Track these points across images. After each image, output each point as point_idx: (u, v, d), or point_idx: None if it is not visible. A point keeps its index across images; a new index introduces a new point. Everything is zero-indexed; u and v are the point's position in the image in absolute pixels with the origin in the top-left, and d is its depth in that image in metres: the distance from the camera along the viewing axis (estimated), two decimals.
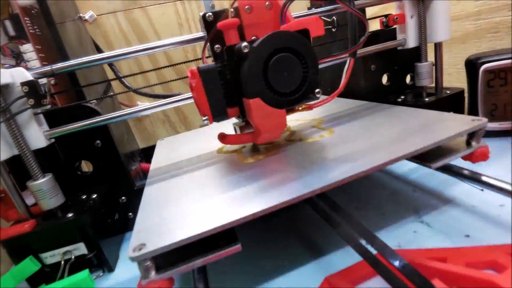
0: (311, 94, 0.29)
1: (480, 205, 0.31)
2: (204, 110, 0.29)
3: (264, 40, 0.27)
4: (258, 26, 0.30)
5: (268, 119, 0.29)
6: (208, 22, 0.31)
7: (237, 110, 0.30)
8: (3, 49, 0.48)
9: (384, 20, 0.45)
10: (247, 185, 0.27)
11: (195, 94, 0.29)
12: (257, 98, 0.28)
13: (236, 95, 0.29)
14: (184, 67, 0.75)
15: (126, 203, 0.41)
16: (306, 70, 0.28)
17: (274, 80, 0.28)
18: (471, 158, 0.29)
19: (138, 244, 0.21)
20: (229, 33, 0.29)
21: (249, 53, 0.26)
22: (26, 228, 0.32)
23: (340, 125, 0.37)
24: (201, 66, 0.28)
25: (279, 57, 0.27)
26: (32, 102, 0.32)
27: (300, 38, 0.28)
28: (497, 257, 0.23)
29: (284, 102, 0.29)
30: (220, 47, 0.31)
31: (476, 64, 0.42)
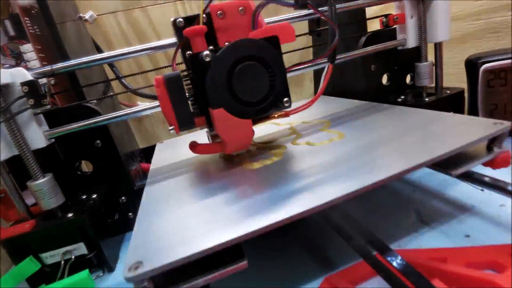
0: (279, 103, 0.29)
1: (480, 205, 0.31)
2: (170, 119, 0.28)
3: (228, 48, 0.26)
4: (232, 31, 0.29)
5: (233, 129, 0.28)
6: (178, 28, 0.31)
7: (203, 119, 0.29)
8: (3, 49, 0.48)
9: (384, 20, 0.45)
10: (253, 195, 0.25)
11: (161, 103, 0.27)
12: (221, 108, 0.27)
13: (202, 105, 0.28)
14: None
15: (126, 203, 0.41)
16: (273, 79, 0.28)
17: (239, 90, 0.27)
18: (492, 164, 0.27)
19: (135, 262, 0.19)
20: (195, 40, 0.28)
21: (212, 62, 0.26)
22: (26, 228, 0.32)
23: (349, 128, 0.35)
24: (166, 74, 0.27)
25: (243, 66, 0.26)
26: (32, 102, 0.32)
27: (266, 46, 0.27)
28: (497, 257, 0.23)
29: (250, 112, 0.28)
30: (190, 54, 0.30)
31: (476, 64, 0.42)
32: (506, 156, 0.27)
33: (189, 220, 0.23)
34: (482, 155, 0.27)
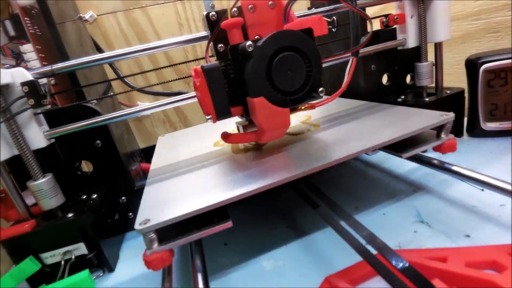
0: (315, 93, 0.30)
1: (480, 205, 0.31)
2: (208, 109, 0.29)
3: (268, 39, 0.27)
4: (261, 25, 0.30)
5: (272, 118, 0.29)
6: (211, 21, 0.31)
7: (240, 109, 0.30)
8: (3, 49, 0.48)
9: (384, 20, 0.45)
10: (238, 173, 0.30)
11: (199, 93, 0.29)
12: (261, 97, 0.28)
13: (240, 94, 0.29)
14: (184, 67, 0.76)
15: (126, 203, 0.41)
16: (310, 69, 0.29)
17: (278, 79, 0.28)
18: (440, 149, 0.32)
19: (144, 219, 0.24)
20: (233, 32, 0.29)
21: (253, 52, 0.26)
22: (26, 228, 0.32)
23: (326, 121, 0.40)
24: (205, 65, 0.28)
25: (283, 56, 0.27)
26: (32, 102, 0.32)
27: (304, 37, 0.28)
28: (497, 257, 0.23)
29: (288, 101, 0.29)
30: (223, 47, 0.31)
31: (476, 64, 0.42)
32: (452, 142, 0.31)
33: (186, 191, 0.28)
34: (430, 141, 0.32)
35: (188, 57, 0.77)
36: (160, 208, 0.26)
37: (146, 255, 0.24)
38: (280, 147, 0.34)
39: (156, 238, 0.24)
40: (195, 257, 0.27)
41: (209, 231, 0.25)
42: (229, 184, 0.27)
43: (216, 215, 0.26)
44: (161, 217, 0.24)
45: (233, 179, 0.28)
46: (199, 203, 0.25)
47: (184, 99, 0.37)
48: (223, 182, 0.28)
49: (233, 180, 0.28)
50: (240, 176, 0.29)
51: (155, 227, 0.23)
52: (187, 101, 0.37)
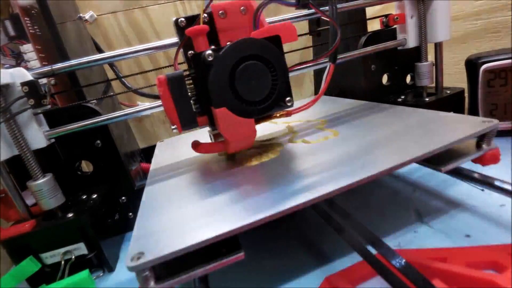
0: (282, 102, 0.29)
1: (480, 205, 0.31)
2: (172, 118, 0.28)
3: (230, 48, 0.26)
4: (233, 31, 0.30)
5: (236, 128, 0.28)
6: (180, 28, 0.31)
7: (206, 118, 0.29)
8: (3, 49, 0.48)
9: (384, 20, 0.45)
10: (250, 190, 0.26)
11: (163, 103, 0.28)
12: (224, 107, 0.27)
13: (205, 103, 0.28)
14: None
15: (126, 203, 0.41)
16: (276, 78, 0.28)
17: (242, 89, 0.27)
18: (481, 161, 0.28)
19: (137, 252, 0.20)
20: (197, 39, 0.28)
21: (214, 61, 0.26)
22: (26, 228, 0.32)
23: (344, 127, 0.36)
24: (168, 73, 0.27)
25: (246, 65, 0.26)
26: (32, 102, 0.32)
27: (268, 45, 0.27)
28: (497, 257, 0.23)
29: (253, 111, 0.28)
30: (193, 53, 0.30)
31: (477, 64, 0.42)
32: (494, 153, 0.27)
33: (188, 214, 0.24)
34: (471, 152, 0.28)
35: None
36: (158, 237, 0.21)
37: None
38: (299, 158, 0.30)
39: (152, 276, 0.20)
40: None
41: (217, 265, 0.21)
42: (242, 206, 0.23)
43: (226, 245, 0.22)
44: (159, 251, 0.20)
45: (245, 198, 0.24)
46: (205, 231, 0.20)
47: None
48: (235, 203, 0.24)
49: (248, 201, 0.24)
50: (256, 196, 0.24)
51: (151, 263, 0.19)
52: None
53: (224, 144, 0.31)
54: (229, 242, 0.22)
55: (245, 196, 0.25)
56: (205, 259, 0.21)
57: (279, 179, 0.26)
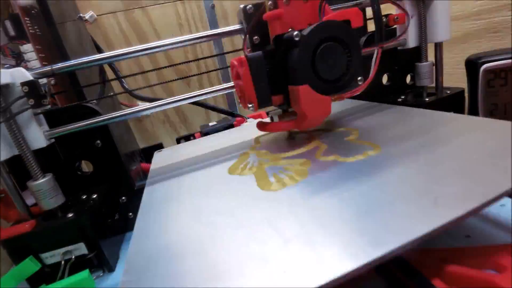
0: (354, 81, 0.31)
1: None
2: (250, 97, 0.30)
3: (314, 29, 0.28)
4: (295, 18, 0.31)
5: (315, 105, 0.30)
6: (248, 14, 0.33)
7: (281, 97, 0.31)
8: (3, 49, 0.48)
9: (384, 20, 0.45)
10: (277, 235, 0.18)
11: (243, 82, 0.29)
12: (306, 85, 0.29)
13: (282, 83, 0.31)
14: (184, 67, 0.76)
15: (126, 203, 0.41)
16: (350, 59, 0.30)
17: (321, 68, 0.29)
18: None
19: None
20: (274, 23, 0.30)
21: (300, 41, 0.27)
22: (26, 228, 0.32)
23: (382, 138, 0.29)
24: (249, 54, 0.29)
25: (326, 46, 0.28)
26: (32, 102, 0.32)
27: (346, 28, 0.29)
28: (497, 257, 0.23)
29: (330, 89, 0.30)
30: (258, 38, 0.32)
31: (477, 64, 0.42)
32: None
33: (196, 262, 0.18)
34: None
35: (188, 57, 0.77)
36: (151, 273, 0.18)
37: None
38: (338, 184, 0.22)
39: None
40: None
41: None
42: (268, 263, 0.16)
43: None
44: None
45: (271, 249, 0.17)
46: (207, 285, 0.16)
47: (184, 99, 0.37)
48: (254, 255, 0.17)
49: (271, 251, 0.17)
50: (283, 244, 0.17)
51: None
52: (187, 101, 0.37)
53: (293, 122, 0.32)
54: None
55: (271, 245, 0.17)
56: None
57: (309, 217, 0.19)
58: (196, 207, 0.25)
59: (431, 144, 0.25)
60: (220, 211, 0.23)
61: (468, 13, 0.57)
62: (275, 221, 0.20)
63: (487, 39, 0.55)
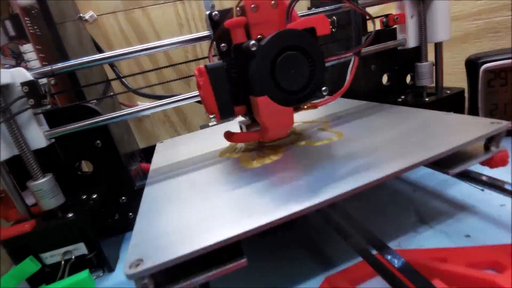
0: (318, 92, 0.30)
1: (480, 205, 0.31)
2: (211, 108, 0.29)
3: (272, 38, 0.27)
4: (264, 25, 0.30)
5: (276, 117, 0.29)
6: (214, 21, 0.32)
7: (244, 108, 0.31)
8: (3, 49, 0.48)
9: (384, 20, 0.45)
10: (252, 194, 0.25)
11: (203, 92, 0.29)
12: (265, 96, 0.28)
13: (243, 93, 0.30)
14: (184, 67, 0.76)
15: (126, 203, 0.41)
16: (313, 69, 0.29)
17: (282, 78, 0.28)
18: (489, 163, 0.27)
19: (135, 259, 0.19)
20: (236, 31, 0.29)
21: (257, 51, 0.27)
22: (26, 228, 0.32)
23: (347, 128, 0.35)
24: (208, 64, 0.28)
25: (286, 56, 0.27)
26: (32, 102, 0.32)
27: (307, 36, 0.28)
28: (497, 257, 0.23)
29: (292, 100, 0.29)
30: (226, 46, 0.31)
31: (477, 64, 0.42)
32: (503, 155, 0.27)
33: (188, 218, 0.24)
34: (479, 154, 0.27)
35: (188, 57, 0.77)
36: (157, 244, 0.21)
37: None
38: (302, 161, 0.29)
39: (151, 283, 0.19)
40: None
41: (219, 272, 0.20)
42: (242, 210, 0.23)
43: (227, 251, 0.21)
44: (158, 257, 0.19)
45: (247, 202, 0.24)
46: (207, 237, 0.20)
47: (184, 99, 0.37)
48: (235, 207, 0.23)
49: (248, 204, 0.23)
50: (258, 200, 0.24)
51: (150, 271, 0.19)
52: (186, 101, 0.37)
53: (259, 133, 0.32)
54: (231, 248, 0.21)
55: (246, 201, 0.24)
56: (207, 265, 0.21)
57: (281, 183, 0.26)
58: (191, 179, 0.32)
59: (381, 131, 0.32)
60: (209, 181, 0.30)
61: (468, 13, 0.56)
62: (251, 186, 0.27)
63: (487, 39, 0.55)
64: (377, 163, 0.25)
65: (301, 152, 0.32)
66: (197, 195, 0.28)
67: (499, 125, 0.26)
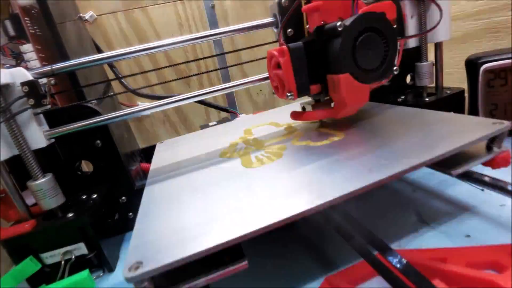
0: (390, 71, 0.32)
1: (480, 205, 0.31)
2: (290, 86, 0.31)
3: (356, 19, 0.29)
4: (327, 12, 0.32)
5: (355, 93, 0.31)
6: (282, 7, 0.34)
7: (319, 86, 0.33)
8: (3, 49, 0.48)
9: None
10: (251, 196, 0.25)
11: (283, 71, 0.31)
12: (347, 73, 0.30)
13: (320, 72, 0.32)
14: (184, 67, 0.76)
15: (126, 203, 0.41)
16: (387, 49, 0.31)
17: (360, 57, 0.30)
18: (491, 164, 0.27)
19: (135, 262, 0.19)
20: (313, 15, 0.32)
21: (343, 31, 0.28)
22: (26, 228, 0.32)
23: (349, 128, 0.35)
24: (290, 44, 0.30)
25: (365, 36, 0.29)
26: (32, 102, 0.32)
27: (384, 19, 0.30)
28: (497, 257, 0.23)
29: (369, 78, 0.31)
30: (292, 31, 0.34)
31: (477, 64, 0.42)
32: (505, 155, 0.27)
33: (189, 220, 0.23)
34: (481, 155, 0.27)
35: (188, 57, 0.77)
36: (157, 246, 0.21)
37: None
38: (303, 161, 0.29)
39: (151, 286, 0.19)
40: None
41: (220, 274, 0.20)
42: (244, 211, 0.23)
43: (228, 252, 0.21)
44: (158, 260, 0.19)
45: (248, 204, 0.24)
46: (207, 240, 0.20)
47: (184, 99, 0.37)
48: (236, 208, 0.23)
49: (248, 205, 0.23)
50: (256, 200, 0.24)
51: (150, 273, 0.18)
52: (187, 101, 0.37)
53: (329, 111, 0.34)
54: (232, 250, 0.21)
55: (246, 203, 0.24)
56: (207, 267, 0.21)
57: (281, 185, 0.26)
58: (192, 179, 0.32)
59: (382, 131, 0.33)
60: (210, 182, 0.30)
61: (468, 13, 0.56)
62: (252, 187, 0.27)
63: (487, 39, 0.55)
64: (378, 164, 0.25)
65: (302, 153, 0.32)
66: (197, 197, 0.27)
67: (501, 125, 0.26)
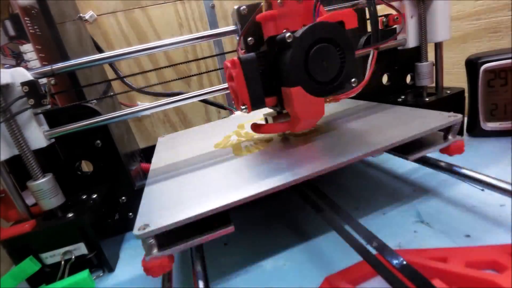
0: (347, 83, 0.31)
1: (480, 205, 0.31)
2: (243, 99, 0.30)
3: (307, 30, 0.27)
4: (289, 19, 0.31)
5: (308, 107, 0.30)
6: (241, 15, 0.33)
7: (274, 99, 0.32)
8: (3, 49, 0.48)
9: (384, 20, 0.45)
10: (240, 175, 0.29)
11: (235, 84, 0.30)
12: (298, 86, 0.29)
13: (274, 84, 0.31)
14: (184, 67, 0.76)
15: (126, 203, 0.41)
16: (343, 60, 0.29)
17: (314, 70, 0.29)
18: (447, 151, 0.31)
19: (142, 224, 0.23)
20: (268, 24, 0.30)
21: (293, 42, 0.27)
22: (26, 228, 0.32)
23: (331, 123, 0.39)
24: (241, 56, 0.29)
25: (319, 47, 0.28)
26: (32, 102, 0.32)
27: (339, 29, 0.29)
28: (497, 257, 0.23)
29: (323, 91, 0.30)
30: (252, 40, 0.32)
31: (477, 64, 0.42)
32: (459, 144, 0.31)
33: (185, 195, 0.28)
34: (437, 143, 0.31)
35: (188, 57, 0.77)
36: (160, 213, 0.25)
37: (145, 261, 0.23)
38: (285, 149, 0.33)
39: (155, 244, 0.24)
40: (196, 262, 0.27)
41: (210, 236, 0.25)
42: (231, 187, 0.27)
43: (217, 219, 0.25)
44: (161, 222, 0.23)
45: (235, 181, 0.28)
46: (200, 207, 0.24)
47: (184, 99, 0.37)
48: (225, 185, 0.28)
49: (235, 183, 0.28)
50: (243, 179, 0.28)
51: (154, 232, 0.23)
52: (187, 101, 0.37)
53: (288, 124, 0.33)
54: (221, 217, 0.26)
55: (236, 180, 0.28)
56: (201, 231, 0.25)
57: (264, 168, 0.30)
58: (189, 164, 0.36)
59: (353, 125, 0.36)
60: (204, 166, 0.34)
61: (468, 13, 0.56)
62: (240, 169, 0.31)
63: (487, 39, 0.55)
64: (346, 149, 0.29)
65: (284, 144, 0.36)
66: (193, 178, 0.32)
67: (455, 117, 0.30)
